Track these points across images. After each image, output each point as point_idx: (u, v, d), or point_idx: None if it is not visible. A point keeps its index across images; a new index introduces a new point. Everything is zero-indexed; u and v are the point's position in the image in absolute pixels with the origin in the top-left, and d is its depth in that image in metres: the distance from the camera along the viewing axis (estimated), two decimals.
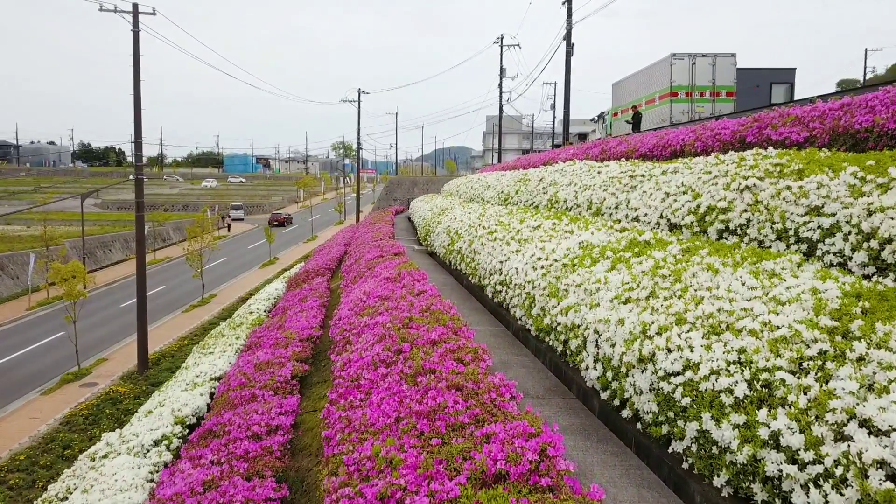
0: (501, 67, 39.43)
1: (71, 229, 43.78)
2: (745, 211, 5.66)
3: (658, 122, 19.94)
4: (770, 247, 5.21)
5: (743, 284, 4.26)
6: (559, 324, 5.77)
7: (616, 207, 8.33)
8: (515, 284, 7.27)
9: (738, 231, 5.67)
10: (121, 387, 16.83)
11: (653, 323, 4.32)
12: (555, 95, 55.05)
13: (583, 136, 55.50)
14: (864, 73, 45.28)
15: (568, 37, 19.54)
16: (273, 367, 7.80)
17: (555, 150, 16.79)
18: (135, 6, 17.19)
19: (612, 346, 4.65)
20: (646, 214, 7.41)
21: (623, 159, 10.91)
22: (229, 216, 60.61)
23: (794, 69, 29.03)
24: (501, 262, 8.28)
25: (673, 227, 6.78)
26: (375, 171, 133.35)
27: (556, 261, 6.75)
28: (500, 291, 8.03)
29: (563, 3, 20.03)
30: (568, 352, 5.63)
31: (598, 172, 10.14)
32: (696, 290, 4.52)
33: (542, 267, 6.83)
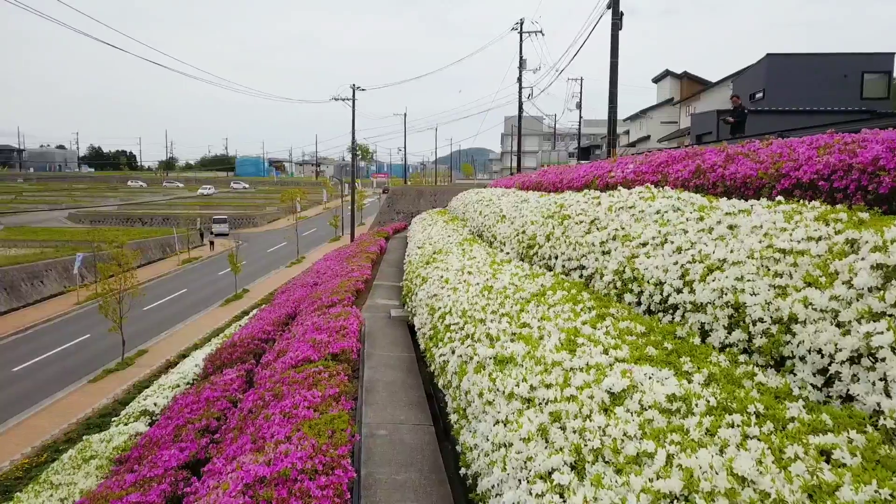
0: (521, 58, 33.86)
1: (12, 252, 37.23)
2: None
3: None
4: None
5: None
6: None
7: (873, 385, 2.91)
8: None
9: None
10: None
11: None
12: (581, 93, 49.39)
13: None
14: None
15: (615, 2, 14.10)
16: None
17: (603, 163, 11.35)
18: None
19: None
20: None
21: (765, 197, 5.47)
22: (211, 231, 52.27)
23: (893, 54, 23.00)
24: (530, 496, 2.93)
25: None
26: (388, 175, 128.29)
27: None
28: None
29: None
30: None
31: (731, 227, 4.75)
32: None
33: None
